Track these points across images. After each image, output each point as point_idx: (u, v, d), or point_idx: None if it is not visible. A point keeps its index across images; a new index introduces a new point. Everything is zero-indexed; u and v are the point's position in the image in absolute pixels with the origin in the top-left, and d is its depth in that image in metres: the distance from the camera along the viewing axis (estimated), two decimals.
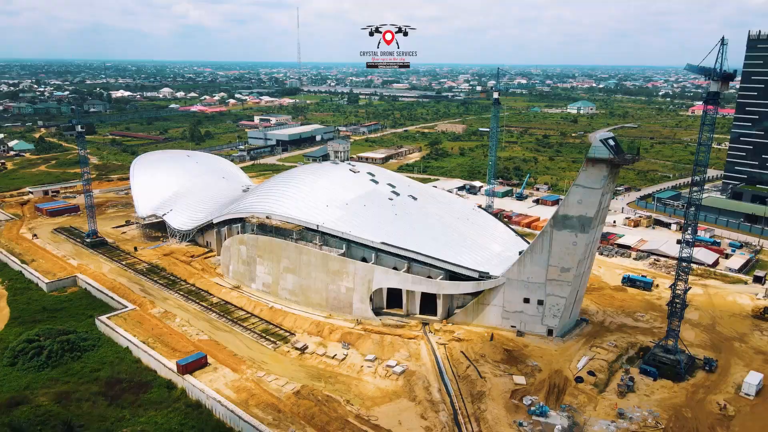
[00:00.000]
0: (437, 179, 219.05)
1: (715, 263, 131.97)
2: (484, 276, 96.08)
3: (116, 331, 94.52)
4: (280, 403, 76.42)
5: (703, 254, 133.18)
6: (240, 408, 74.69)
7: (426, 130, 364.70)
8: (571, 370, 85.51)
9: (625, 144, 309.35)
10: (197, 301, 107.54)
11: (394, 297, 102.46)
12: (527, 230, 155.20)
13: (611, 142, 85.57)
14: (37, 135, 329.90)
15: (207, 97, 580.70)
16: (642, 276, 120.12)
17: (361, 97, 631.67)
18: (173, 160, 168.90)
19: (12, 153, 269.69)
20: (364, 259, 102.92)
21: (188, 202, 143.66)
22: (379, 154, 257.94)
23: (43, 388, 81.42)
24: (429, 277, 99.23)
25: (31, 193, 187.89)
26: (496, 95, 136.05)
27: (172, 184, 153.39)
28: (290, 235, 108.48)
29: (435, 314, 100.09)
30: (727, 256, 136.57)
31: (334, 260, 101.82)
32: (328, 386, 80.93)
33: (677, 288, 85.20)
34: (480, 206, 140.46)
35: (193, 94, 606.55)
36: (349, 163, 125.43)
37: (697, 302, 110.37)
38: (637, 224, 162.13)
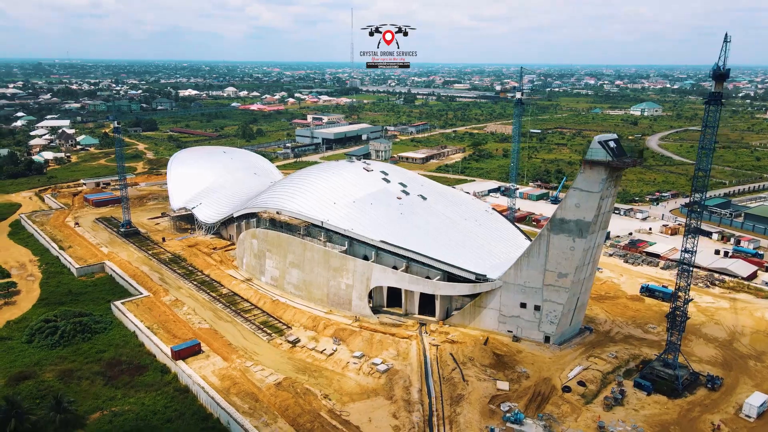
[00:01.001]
0: (473, 180, 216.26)
1: (752, 276, 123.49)
2: (480, 278, 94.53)
3: (126, 316, 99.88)
4: (260, 393, 78.45)
5: (738, 266, 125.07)
6: (220, 395, 77.33)
7: (475, 131, 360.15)
8: (561, 379, 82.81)
9: (678, 147, 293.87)
10: (208, 291, 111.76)
11: (395, 296, 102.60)
12: None
13: (612, 144, 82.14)
14: (105, 130, 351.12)
15: (268, 96, 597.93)
16: (662, 286, 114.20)
17: (418, 97, 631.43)
18: (209, 156, 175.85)
19: (78, 147, 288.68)
20: (366, 257, 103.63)
21: (217, 196, 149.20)
22: (420, 154, 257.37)
23: (51, 365, 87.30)
24: (427, 277, 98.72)
25: (84, 184, 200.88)
26: (518, 96, 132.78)
27: (205, 179, 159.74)
28: (298, 231, 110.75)
29: (434, 315, 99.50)
30: None
31: (335, 257, 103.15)
32: (311, 380, 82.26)
33: (678, 299, 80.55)
34: (512, 208, 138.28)
35: (255, 93, 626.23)
36: (364, 162, 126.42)
37: (720, 316, 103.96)
38: (674, 232, 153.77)
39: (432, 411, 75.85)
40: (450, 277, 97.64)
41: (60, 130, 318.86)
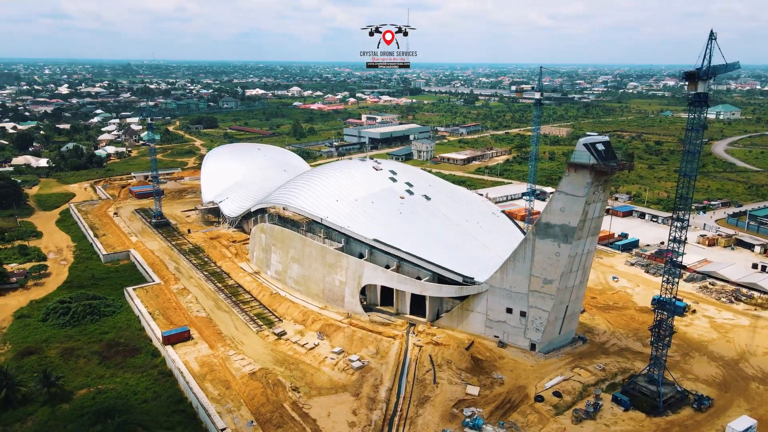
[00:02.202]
0: (510, 183, 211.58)
1: None
2: (468, 281, 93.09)
3: (134, 301, 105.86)
4: (233, 381, 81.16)
5: None
6: (195, 380, 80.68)
7: (528, 133, 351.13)
8: (537, 388, 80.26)
9: (746, 153, 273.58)
10: (215, 282, 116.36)
11: (389, 295, 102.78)
12: None
13: (599, 147, 78.83)
14: (170, 128, 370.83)
15: (330, 95, 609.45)
16: (677, 299, 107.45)
17: (480, 98, 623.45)
18: (243, 152, 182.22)
19: (140, 142, 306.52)
20: (361, 255, 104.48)
21: (243, 191, 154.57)
22: (462, 155, 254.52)
23: (57, 343, 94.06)
24: (418, 277, 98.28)
25: (134, 177, 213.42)
26: (537, 96, 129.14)
27: (235, 175, 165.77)
28: (302, 227, 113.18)
29: (425, 316, 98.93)
30: None
31: (330, 253, 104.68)
32: (286, 372, 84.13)
33: (662, 310, 76.07)
34: (529, 211, 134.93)
35: (318, 93, 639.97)
36: (376, 161, 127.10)
37: (735, 334, 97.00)
38: (713, 243, 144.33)
39: (397, 410, 75.74)
40: (441, 279, 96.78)
41: (127, 126, 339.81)
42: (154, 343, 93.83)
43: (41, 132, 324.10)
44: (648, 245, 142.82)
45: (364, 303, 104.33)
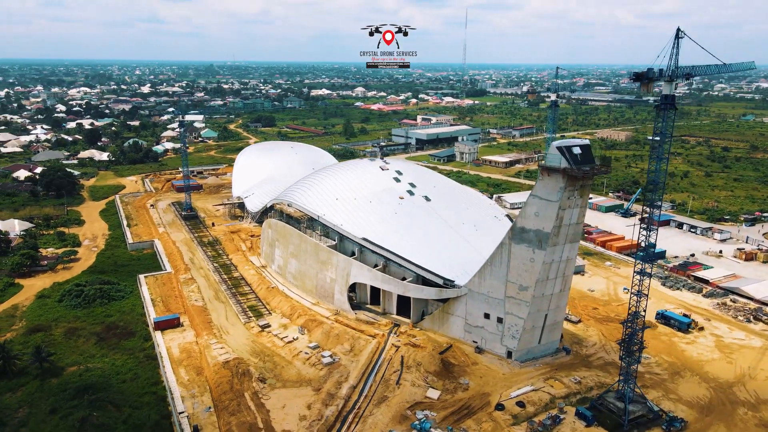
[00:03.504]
0: None
1: None
2: (448, 283, 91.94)
3: (141, 288, 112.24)
4: (206, 369, 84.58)
5: None
6: (171, 365, 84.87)
7: (586, 137, 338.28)
8: (502, 396, 78.20)
9: None
10: (221, 273, 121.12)
11: (379, 295, 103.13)
12: (598, 249, 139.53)
13: (575, 151, 75.71)
14: (232, 125, 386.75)
15: (393, 96, 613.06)
16: (683, 315, 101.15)
17: (546, 99, 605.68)
18: (275, 150, 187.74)
19: (199, 139, 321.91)
20: (353, 253, 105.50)
21: (267, 188, 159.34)
22: (504, 158, 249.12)
23: (65, 322, 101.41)
24: (404, 278, 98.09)
25: (181, 171, 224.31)
26: (553, 97, 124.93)
27: (264, 172, 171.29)
28: (302, 224, 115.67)
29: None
30: None
31: (323, 250, 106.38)
32: (259, 363, 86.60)
33: (629, 323, 72.02)
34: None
35: (382, 94, 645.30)
36: (384, 161, 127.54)
37: (740, 355, 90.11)
38: (750, 258, 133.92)
39: (354, 408, 76.23)
40: (425, 281, 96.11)
41: (191, 124, 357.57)
42: (149, 327, 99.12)
43: (113, 128, 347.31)
44: (676, 257, 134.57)
45: (354, 301, 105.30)
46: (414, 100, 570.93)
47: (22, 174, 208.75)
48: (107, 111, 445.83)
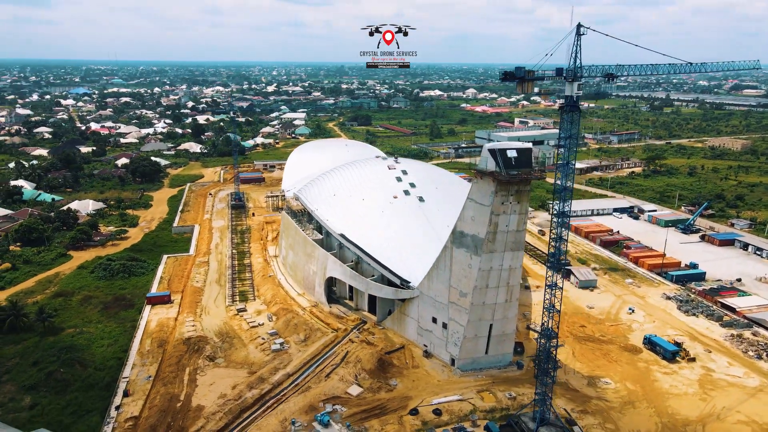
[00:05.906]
0: (612, 197, 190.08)
1: None
2: (404, 284, 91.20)
3: (159, 267, 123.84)
4: (168, 342, 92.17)
5: None
6: (143, 336, 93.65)
7: (697, 145, 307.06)
8: (424, 402, 76.61)
9: None
10: (234, 259, 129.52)
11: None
12: (629, 265, 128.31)
13: (510, 154, 72.32)
14: (332, 123, 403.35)
15: (504, 98, 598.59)
16: (673, 342, 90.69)
17: (675, 103, 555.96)
18: (327, 147, 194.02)
19: (292, 135, 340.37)
20: (340, 247, 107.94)
21: (306, 182, 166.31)
22: (581, 164, 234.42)
23: (85, 291, 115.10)
24: (374, 275, 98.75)
25: (255, 165, 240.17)
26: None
27: (314, 167, 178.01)
28: (303, 217, 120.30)
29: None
30: None
31: (309, 244, 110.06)
32: (218, 343, 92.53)
33: (542, 341, 67.13)
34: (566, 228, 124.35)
35: (493, 95, 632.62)
36: (395, 160, 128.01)
37: (722, 394, 79.84)
38: None
39: (278, 394, 79.14)
40: (390, 281, 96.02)
41: (288, 121, 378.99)
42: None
43: (221, 123, 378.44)
44: (718, 280, 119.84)
45: (335, 295, 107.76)
46: (524, 102, 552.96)
47: (121, 161, 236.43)
48: (222, 107, 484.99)
